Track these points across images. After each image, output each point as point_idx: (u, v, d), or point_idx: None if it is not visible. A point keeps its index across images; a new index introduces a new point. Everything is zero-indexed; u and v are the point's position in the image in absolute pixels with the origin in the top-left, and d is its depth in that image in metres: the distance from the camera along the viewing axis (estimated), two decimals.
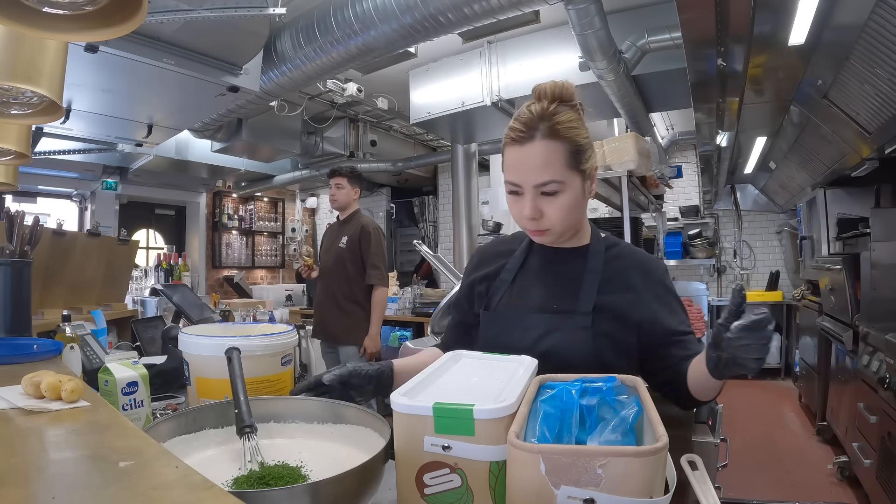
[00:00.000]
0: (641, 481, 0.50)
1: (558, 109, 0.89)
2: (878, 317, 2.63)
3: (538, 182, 0.88)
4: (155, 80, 2.23)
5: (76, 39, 0.73)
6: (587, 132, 0.92)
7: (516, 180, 0.90)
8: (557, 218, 0.91)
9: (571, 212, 0.92)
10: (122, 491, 0.47)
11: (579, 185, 0.91)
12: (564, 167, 0.88)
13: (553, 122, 0.87)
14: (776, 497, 2.76)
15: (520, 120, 0.89)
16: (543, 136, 0.87)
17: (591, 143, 0.93)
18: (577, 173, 0.90)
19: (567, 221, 0.93)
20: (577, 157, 0.89)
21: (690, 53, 2.18)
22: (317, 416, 0.86)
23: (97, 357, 1.51)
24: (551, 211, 0.90)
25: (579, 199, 0.92)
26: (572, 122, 0.89)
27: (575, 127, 0.89)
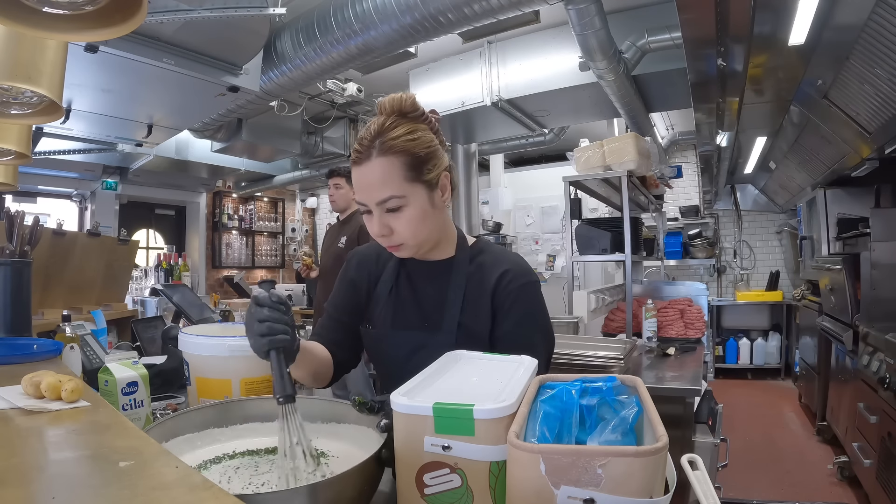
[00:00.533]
0: (641, 481, 0.50)
1: (396, 122, 0.90)
2: (878, 317, 2.63)
3: (378, 200, 0.89)
4: (155, 80, 2.23)
5: (76, 39, 0.73)
6: (430, 141, 0.92)
7: (361, 199, 0.91)
8: (407, 232, 0.91)
9: (422, 224, 0.92)
10: (122, 491, 0.47)
11: (424, 196, 0.91)
12: (402, 181, 0.88)
13: (386, 138, 0.88)
14: (776, 497, 2.76)
15: (358, 140, 0.91)
16: (378, 153, 0.88)
17: (437, 152, 0.93)
18: (419, 184, 0.90)
19: (419, 235, 0.93)
20: (417, 168, 0.89)
21: (690, 53, 2.18)
22: (317, 415, 0.86)
23: (97, 357, 1.51)
24: (399, 226, 0.91)
25: (427, 210, 0.92)
26: (408, 134, 0.89)
27: (412, 139, 0.89)
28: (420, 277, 1.02)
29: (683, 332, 2.80)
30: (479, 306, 0.96)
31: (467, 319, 0.96)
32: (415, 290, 1.02)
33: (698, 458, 0.66)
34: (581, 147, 2.94)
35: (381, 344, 1.03)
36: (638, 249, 3.12)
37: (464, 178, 4.56)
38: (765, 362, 5.48)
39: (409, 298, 1.02)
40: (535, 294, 0.98)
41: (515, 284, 0.96)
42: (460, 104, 3.52)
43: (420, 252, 0.98)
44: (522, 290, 0.96)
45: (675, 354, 2.44)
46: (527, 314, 0.97)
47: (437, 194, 0.94)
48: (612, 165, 2.75)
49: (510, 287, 0.96)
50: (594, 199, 3.96)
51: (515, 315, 0.95)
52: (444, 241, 1.01)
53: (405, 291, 1.03)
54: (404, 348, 0.98)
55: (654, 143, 3.39)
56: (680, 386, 1.86)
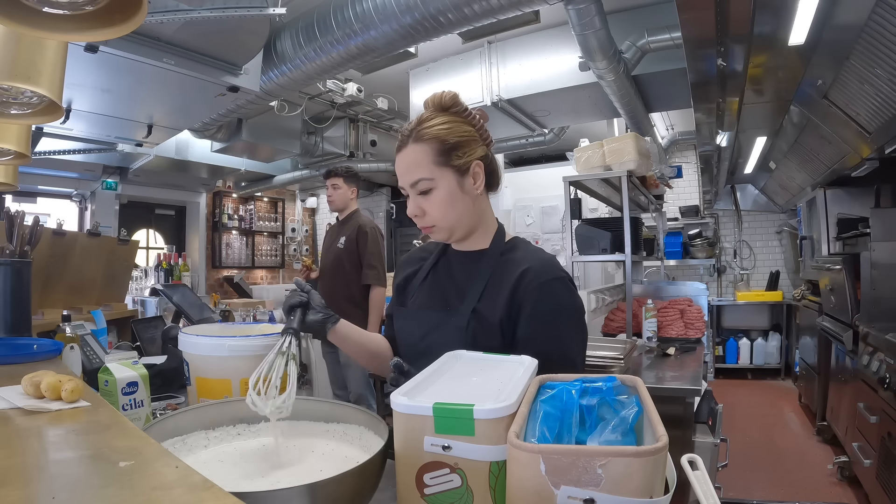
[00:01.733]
0: (642, 481, 0.50)
1: (433, 115, 0.99)
2: (878, 317, 2.63)
3: (410, 182, 0.97)
4: (155, 80, 2.23)
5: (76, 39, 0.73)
6: (464, 132, 0.98)
7: (400, 184, 1.00)
8: (437, 213, 0.98)
9: (451, 206, 0.97)
10: (122, 491, 0.47)
11: (453, 179, 0.97)
12: (432, 165, 0.96)
13: (422, 128, 0.97)
14: (776, 497, 2.76)
15: (400, 131, 1.01)
16: (413, 140, 0.97)
17: (469, 142, 0.98)
18: (448, 169, 0.96)
19: (449, 216, 0.98)
20: (447, 154, 0.96)
21: (690, 53, 2.18)
22: (316, 415, 0.86)
23: (97, 357, 1.51)
24: (429, 207, 0.97)
25: (455, 194, 0.97)
26: (442, 124, 0.97)
27: (444, 128, 0.96)
28: (455, 264, 1.07)
29: (683, 332, 2.80)
30: (497, 296, 0.97)
31: (483, 306, 0.98)
32: (447, 276, 1.07)
33: (698, 458, 0.66)
34: (581, 147, 2.94)
35: (405, 322, 1.08)
36: (638, 249, 3.12)
37: None
38: (765, 362, 5.48)
39: (440, 283, 1.07)
40: (560, 290, 0.97)
41: (537, 282, 0.96)
42: None
43: (454, 237, 1.03)
44: (545, 286, 0.96)
45: (675, 354, 2.44)
46: (552, 310, 0.96)
47: (469, 181, 0.99)
48: (612, 165, 2.75)
49: (531, 286, 0.96)
50: (594, 199, 3.96)
51: (538, 313, 0.95)
52: (480, 230, 1.05)
53: (440, 277, 1.08)
54: (422, 327, 1.03)
55: (654, 143, 3.39)
56: (680, 386, 1.87)
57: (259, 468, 0.75)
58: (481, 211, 1.03)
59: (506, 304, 0.96)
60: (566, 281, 0.98)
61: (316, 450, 0.80)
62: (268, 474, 0.73)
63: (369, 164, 5.36)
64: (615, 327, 2.98)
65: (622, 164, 2.72)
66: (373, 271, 2.88)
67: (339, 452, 0.79)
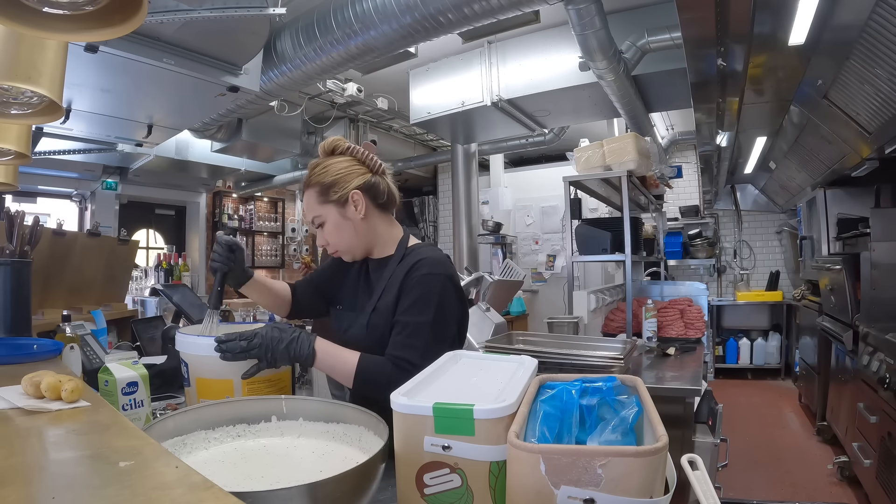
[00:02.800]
0: (641, 481, 0.50)
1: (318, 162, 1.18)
2: (878, 317, 2.63)
3: (308, 220, 1.20)
4: (155, 80, 2.23)
5: (76, 39, 0.73)
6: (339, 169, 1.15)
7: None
8: (332, 240, 1.18)
9: (339, 232, 1.17)
10: (122, 491, 0.47)
11: (335, 211, 1.15)
12: (317, 204, 1.16)
13: (309, 177, 1.17)
14: (776, 497, 2.76)
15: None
16: (306, 188, 1.18)
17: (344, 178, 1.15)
18: (329, 204, 1.15)
19: (342, 241, 1.18)
20: (325, 193, 1.15)
21: (690, 53, 2.18)
22: (316, 415, 0.86)
23: (97, 357, 1.51)
24: (327, 237, 1.18)
25: (340, 222, 1.16)
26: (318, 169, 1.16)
27: (320, 172, 1.15)
28: (371, 271, 1.24)
29: (683, 332, 2.80)
30: (392, 288, 1.14)
31: (381, 302, 1.15)
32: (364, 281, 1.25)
33: (698, 458, 0.66)
34: (581, 147, 2.94)
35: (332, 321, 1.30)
36: (638, 249, 3.12)
37: (464, 178, 4.56)
38: (765, 362, 5.48)
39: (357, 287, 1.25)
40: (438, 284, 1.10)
41: (420, 273, 1.11)
42: (460, 104, 3.52)
43: (357, 255, 1.21)
44: (425, 278, 1.10)
45: (675, 354, 2.44)
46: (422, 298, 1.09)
47: (350, 208, 1.15)
48: (612, 165, 2.75)
49: (415, 274, 1.11)
50: (594, 199, 3.96)
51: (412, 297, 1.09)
52: (379, 243, 1.22)
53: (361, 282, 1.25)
54: (342, 325, 1.23)
55: (654, 143, 3.39)
56: (680, 386, 1.87)
57: (259, 468, 0.75)
58: (373, 228, 1.19)
59: (396, 293, 1.12)
60: (444, 277, 1.12)
61: (316, 450, 0.80)
62: (267, 474, 0.73)
63: None
64: (615, 327, 2.98)
65: (622, 164, 2.72)
66: None
67: (339, 452, 0.79)
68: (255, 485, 0.68)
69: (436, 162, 6.16)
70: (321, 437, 0.84)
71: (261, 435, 0.85)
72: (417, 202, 7.00)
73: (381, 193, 1.19)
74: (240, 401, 0.89)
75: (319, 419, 0.86)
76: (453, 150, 4.59)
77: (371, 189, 1.17)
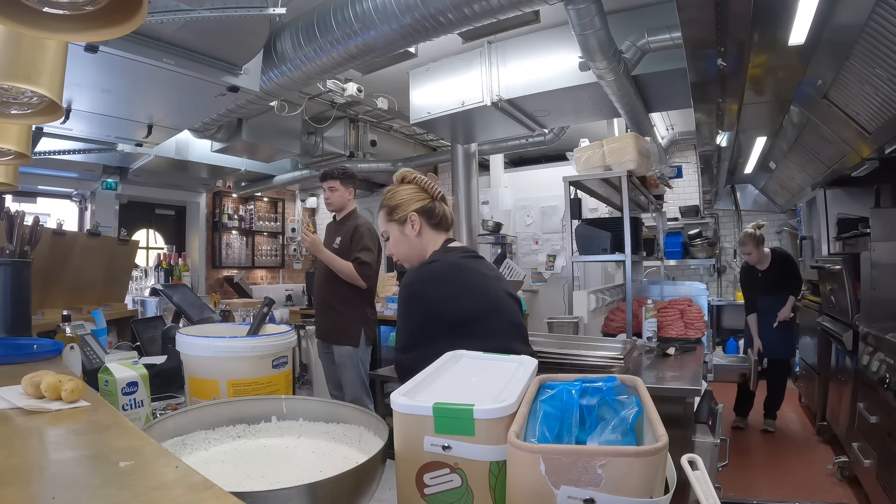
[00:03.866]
0: (641, 481, 0.50)
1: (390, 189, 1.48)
2: (878, 317, 2.63)
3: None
4: (155, 80, 2.23)
5: (76, 39, 0.73)
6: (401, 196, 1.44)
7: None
8: (394, 251, 1.47)
9: (398, 246, 1.45)
10: (122, 491, 0.47)
11: (396, 229, 1.44)
12: (385, 222, 1.46)
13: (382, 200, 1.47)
14: (776, 497, 2.76)
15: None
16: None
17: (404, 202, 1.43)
18: (392, 223, 1.44)
19: (400, 252, 1.46)
20: (390, 213, 1.44)
21: (690, 53, 2.18)
22: (316, 415, 0.86)
23: (97, 357, 1.51)
24: (390, 248, 1.48)
25: (399, 238, 1.44)
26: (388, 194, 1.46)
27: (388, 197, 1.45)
28: None
29: (683, 332, 2.80)
30: None
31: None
32: None
33: (698, 458, 0.66)
34: (581, 147, 2.94)
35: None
36: (638, 249, 3.11)
37: (464, 178, 4.56)
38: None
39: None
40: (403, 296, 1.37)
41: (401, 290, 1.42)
42: (460, 104, 3.51)
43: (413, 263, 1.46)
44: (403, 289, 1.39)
45: (675, 354, 2.44)
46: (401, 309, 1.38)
47: (408, 227, 1.43)
48: (612, 165, 2.75)
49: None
50: (594, 199, 3.96)
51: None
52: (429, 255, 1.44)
53: None
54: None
55: (654, 143, 3.39)
56: (680, 386, 1.86)
57: (259, 468, 0.75)
58: (425, 242, 1.45)
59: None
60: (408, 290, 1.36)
61: (316, 450, 0.80)
62: (268, 474, 0.73)
63: (369, 164, 5.36)
64: (615, 327, 2.98)
65: (622, 164, 2.72)
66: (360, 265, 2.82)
67: (339, 453, 0.79)
68: (255, 485, 0.68)
69: (436, 162, 6.16)
70: (321, 438, 0.84)
71: (261, 435, 0.85)
72: None
73: (435, 215, 1.45)
74: (240, 401, 0.89)
75: (319, 419, 0.86)
76: (453, 150, 4.59)
77: (427, 212, 1.44)
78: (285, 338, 1.16)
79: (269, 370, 1.11)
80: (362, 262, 2.80)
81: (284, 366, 1.16)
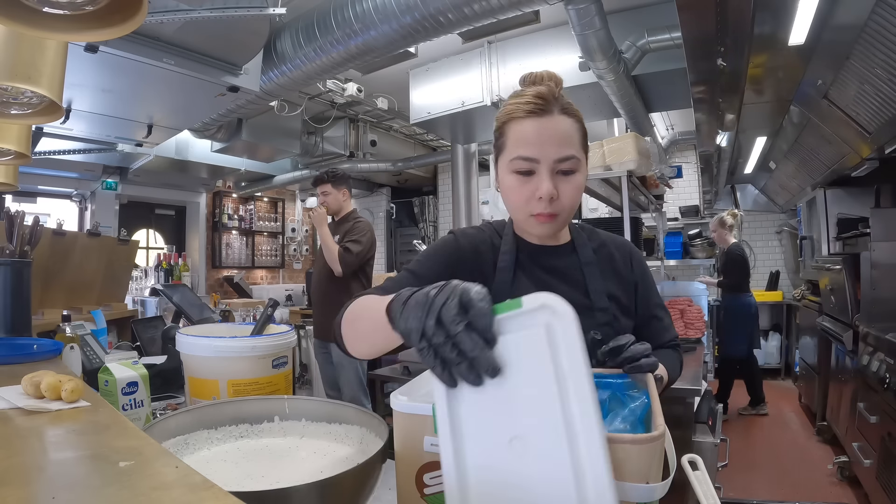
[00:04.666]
0: (637, 467, 0.52)
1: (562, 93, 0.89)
2: (878, 317, 2.63)
3: (560, 156, 0.83)
4: (155, 80, 2.23)
5: (76, 39, 0.73)
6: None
7: (534, 154, 0.83)
8: (570, 200, 0.85)
9: (579, 196, 0.88)
10: (122, 491, 0.47)
11: (585, 169, 0.89)
12: (579, 146, 0.86)
13: (566, 102, 0.87)
14: (776, 497, 2.76)
15: (533, 93, 0.86)
16: (560, 111, 0.85)
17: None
18: (584, 156, 0.88)
19: (573, 207, 0.88)
20: (584, 139, 0.89)
21: (690, 53, 2.18)
22: (318, 416, 0.86)
23: (97, 357, 1.51)
24: (567, 190, 0.85)
25: (583, 184, 0.89)
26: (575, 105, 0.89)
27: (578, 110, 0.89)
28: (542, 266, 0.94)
29: (683, 332, 2.80)
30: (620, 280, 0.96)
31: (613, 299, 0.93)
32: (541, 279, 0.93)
33: (698, 458, 0.66)
34: None
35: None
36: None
37: (464, 178, 4.56)
38: (765, 362, 5.47)
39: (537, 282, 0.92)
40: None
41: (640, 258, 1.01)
42: (460, 104, 3.51)
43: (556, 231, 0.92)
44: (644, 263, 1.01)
45: None
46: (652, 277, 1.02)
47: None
48: (612, 165, 2.75)
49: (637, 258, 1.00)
50: (594, 199, 3.96)
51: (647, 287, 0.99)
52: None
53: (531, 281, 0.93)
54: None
55: (654, 143, 3.39)
56: (680, 386, 1.86)
57: (260, 468, 0.75)
58: None
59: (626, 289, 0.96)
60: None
61: (317, 450, 0.80)
62: (269, 474, 0.73)
63: (369, 164, 5.36)
64: None
65: (622, 164, 2.72)
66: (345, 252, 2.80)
67: (340, 453, 0.79)
68: (256, 484, 0.69)
69: (436, 162, 6.16)
70: (323, 438, 0.84)
71: (263, 435, 0.85)
72: (417, 202, 7.00)
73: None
74: (242, 401, 0.89)
75: (322, 420, 0.86)
76: (453, 150, 4.59)
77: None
78: (285, 338, 1.16)
79: (269, 370, 1.12)
80: (347, 249, 2.81)
81: (284, 366, 1.16)
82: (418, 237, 6.74)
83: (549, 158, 0.83)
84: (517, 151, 0.85)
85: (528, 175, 0.85)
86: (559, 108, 0.85)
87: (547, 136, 0.83)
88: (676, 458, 0.66)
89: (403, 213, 7.23)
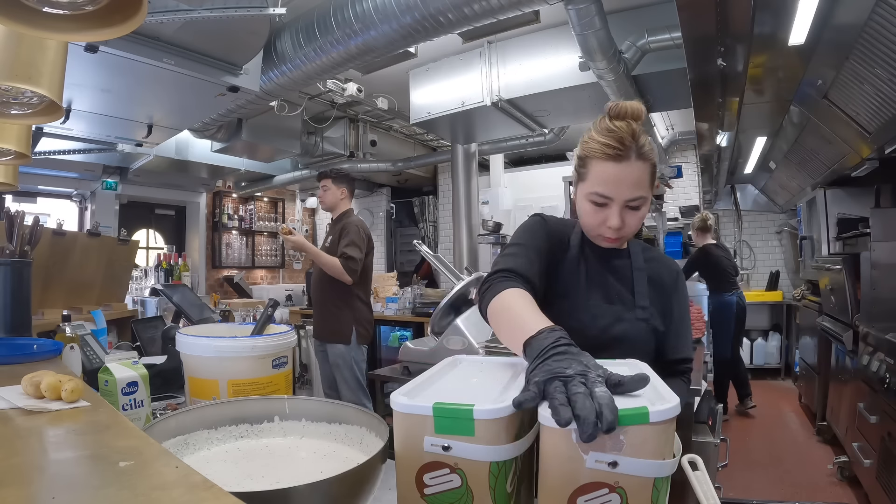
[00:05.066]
0: (656, 446, 0.57)
1: (641, 130, 1.00)
2: (878, 317, 2.63)
3: (630, 198, 0.98)
4: (155, 80, 2.23)
5: (76, 39, 0.73)
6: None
7: (609, 193, 0.98)
8: (633, 228, 1.03)
9: (641, 222, 1.05)
10: (122, 491, 0.47)
11: (650, 199, 1.03)
12: (648, 186, 1.00)
13: (643, 145, 0.98)
14: (776, 497, 2.76)
15: (614, 137, 0.97)
16: (636, 156, 0.97)
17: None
18: (650, 190, 1.02)
19: (635, 231, 1.05)
20: (653, 176, 1.02)
21: (690, 53, 2.18)
22: (319, 416, 0.86)
23: (97, 357, 1.51)
24: (632, 221, 1.01)
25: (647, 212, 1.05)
26: (650, 144, 1.01)
27: (652, 149, 1.01)
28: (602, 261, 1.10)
29: None
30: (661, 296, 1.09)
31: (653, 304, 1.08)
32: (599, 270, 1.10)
33: (698, 458, 0.67)
34: None
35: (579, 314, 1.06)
36: None
37: (464, 178, 4.56)
38: (765, 362, 5.48)
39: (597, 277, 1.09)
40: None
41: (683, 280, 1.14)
42: (460, 104, 3.52)
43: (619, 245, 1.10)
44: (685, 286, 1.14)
45: None
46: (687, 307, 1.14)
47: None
48: None
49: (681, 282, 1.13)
50: None
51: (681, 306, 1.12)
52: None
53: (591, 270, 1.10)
54: (604, 319, 1.05)
55: (654, 143, 3.39)
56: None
57: (260, 468, 0.75)
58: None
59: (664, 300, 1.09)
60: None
61: (318, 450, 0.81)
62: (269, 474, 0.73)
63: (369, 164, 5.36)
64: None
65: None
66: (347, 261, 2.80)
67: (340, 453, 0.79)
68: (256, 484, 0.69)
69: (436, 162, 6.16)
70: (323, 438, 0.84)
71: (263, 435, 0.85)
72: (417, 202, 7.00)
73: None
74: (242, 401, 0.89)
75: (322, 420, 0.86)
76: (453, 150, 4.59)
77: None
78: (285, 338, 1.16)
79: (269, 370, 1.12)
80: (348, 256, 2.80)
81: (284, 366, 1.16)
82: (418, 237, 6.74)
83: (622, 199, 0.98)
84: (595, 188, 0.99)
85: (601, 206, 1.00)
86: (636, 154, 0.97)
87: (622, 180, 0.97)
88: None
89: (403, 212, 7.23)
